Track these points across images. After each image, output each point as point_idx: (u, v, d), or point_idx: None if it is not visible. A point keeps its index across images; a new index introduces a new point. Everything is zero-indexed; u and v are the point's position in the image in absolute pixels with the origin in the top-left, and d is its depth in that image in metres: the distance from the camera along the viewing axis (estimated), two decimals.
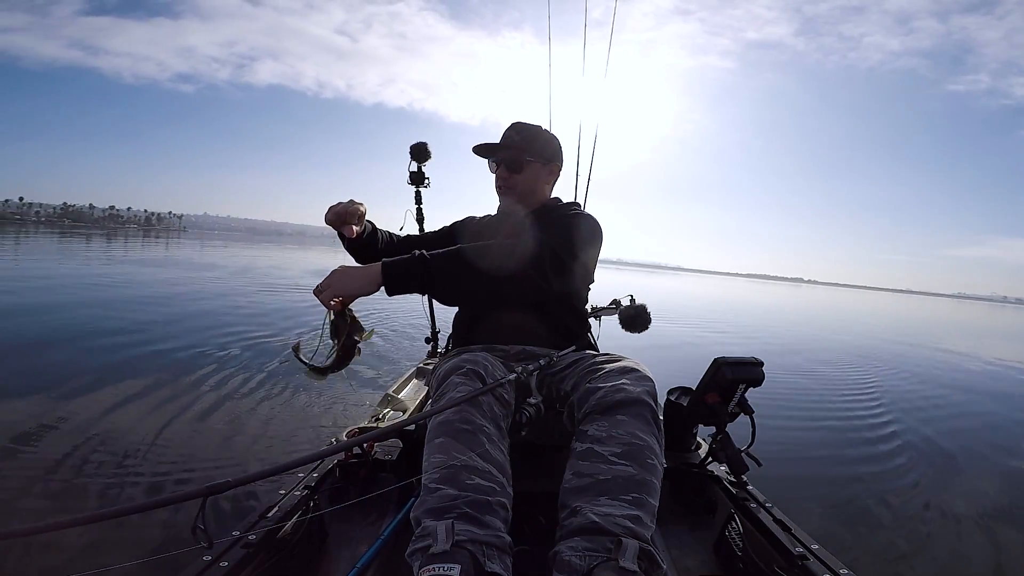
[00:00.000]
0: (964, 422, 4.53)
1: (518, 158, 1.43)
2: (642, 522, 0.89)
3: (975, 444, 3.82)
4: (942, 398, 5.44)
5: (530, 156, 1.43)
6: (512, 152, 1.43)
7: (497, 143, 1.46)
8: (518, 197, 1.46)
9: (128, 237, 44.26)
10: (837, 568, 1.03)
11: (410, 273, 1.07)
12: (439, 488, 0.91)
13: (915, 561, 2.10)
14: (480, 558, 0.83)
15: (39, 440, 2.45)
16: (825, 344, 9.55)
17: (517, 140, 1.44)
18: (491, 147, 1.46)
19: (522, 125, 1.47)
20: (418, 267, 1.07)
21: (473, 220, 1.63)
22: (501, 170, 1.44)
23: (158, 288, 9.00)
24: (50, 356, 4.07)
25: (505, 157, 1.44)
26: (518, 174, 1.44)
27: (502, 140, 1.46)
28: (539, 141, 1.46)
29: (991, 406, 5.37)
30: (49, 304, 6.35)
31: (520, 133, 1.45)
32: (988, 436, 4.13)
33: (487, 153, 1.48)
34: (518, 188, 1.44)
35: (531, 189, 1.46)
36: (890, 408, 4.58)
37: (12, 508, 1.90)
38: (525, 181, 1.44)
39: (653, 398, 1.05)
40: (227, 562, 0.89)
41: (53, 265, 12.19)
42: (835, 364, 7.04)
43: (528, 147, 1.43)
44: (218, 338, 5.03)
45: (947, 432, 3.99)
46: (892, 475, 3.02)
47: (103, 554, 1.56)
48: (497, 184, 1.47)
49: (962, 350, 10.93)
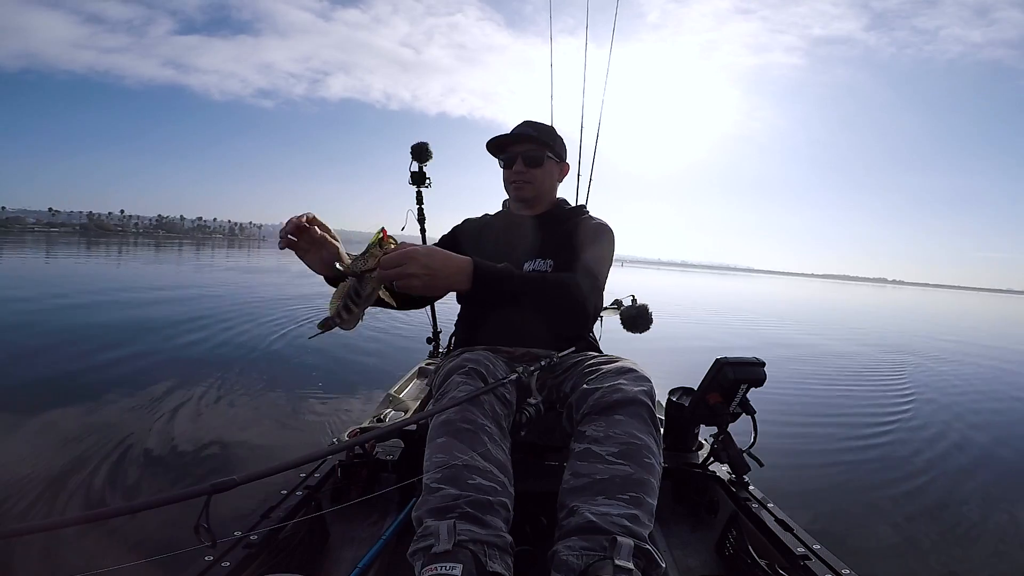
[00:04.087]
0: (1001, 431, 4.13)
1: (539, 153, 1.38)
2: (639, 521, 0.89)
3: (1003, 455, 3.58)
4: (988, 402, 5.18)
5: (549, 152, 1.40)
6: (533, 145, 1.39)
7: (514, 135, 1.40)
8: (536, 193, 1.42)
9: (215, 246, 46.32)
10: (839, 568, 1.03)
11: (499, 288, 1.06)
12: (441, 488, 0.90)
13: (916, 562, 2.09)
14: (482, 558, 0.83)
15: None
16: (834, 340, 9.49)
17: (535, 135, 1.40)
18: (510, 139, 1.40)
19: (535, 122, 1.44)
20: (508, 284, 1.07)
21: (471, 223, 1.56)
22: (519, 165, 1.39)
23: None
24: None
25: (525, 151, 1.38)
26: (537, 168, 1.39)
27: (516, 135, 1.41)
28: (555, 138, 1.43)
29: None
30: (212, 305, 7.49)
31: (536, 128, 1.41)
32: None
33: (503, 146, 1.42)
34: (536, 183, 1.40)
35: (548, 187, 1.44)
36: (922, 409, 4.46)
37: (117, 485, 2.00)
38: (543, 177, 1.41)
39: (650, 398, 1.05)
40: (229, 562, 0.89)
41: (190, 272, 14.82)
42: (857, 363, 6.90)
43: (547, 141, 1.39)
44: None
45: (988, 441, 3.75)
46: (899, 475, 3.00)
47: (108, 552, 1.56)
48: (511, 179, 1.42)
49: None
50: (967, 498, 2.76)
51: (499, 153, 1.45)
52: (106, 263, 16.64)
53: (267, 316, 6.79)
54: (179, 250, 29.44)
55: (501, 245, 1.41)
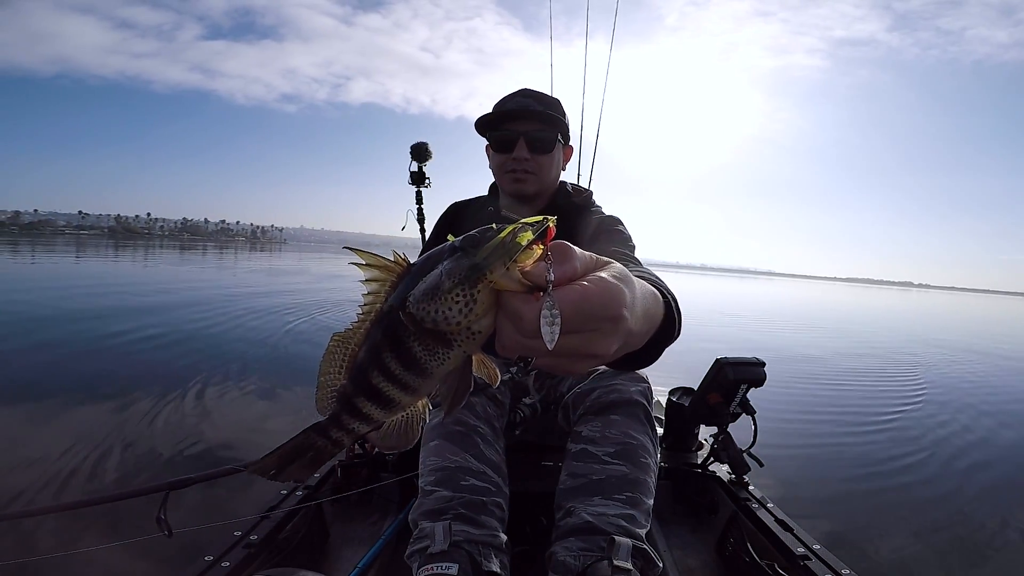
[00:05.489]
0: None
1: (549, 134, 1.07)
2: (636, 521, 0.89)
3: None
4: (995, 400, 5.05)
5: (560, 133, 1.10)
6: (541, 126, 1.07)
7: (515, 109, 1.08)
8: (540, 188, 1.13)
9: (238, 249, 47.50)
10: (839, 568, 1.02)
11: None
12: (435, 490, 0.91)
13: (918, 563, 2.05)
14: (477, 557, 0.84)
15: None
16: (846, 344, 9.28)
17: (540, 110, 1.08)
18: (511, 116, 1.08)
19: (538, 93, 1.11)
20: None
21: (460, 215, 1.26)
22: (520, 149, 1.07)
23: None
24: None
25: (528, 131, 1.07)
26: (545, 156, 1.08)
27: (516, 108, 1.08)
28: (563, 113, 1.13)
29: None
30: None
31: (541, 102, 1.09)
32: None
33: (498, 122, 1.10)
34: (539, 175, 1.10)
35: (553, 178, 1.15)
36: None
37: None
38: (551, 166, 1.12)
39: (647, 398, 1.04)
40: (229, 562, 0.90)
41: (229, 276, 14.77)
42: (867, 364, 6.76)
43: (557, 121, 1.09)
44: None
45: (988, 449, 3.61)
46: (900, 475, 2.93)
47: (76, 542, 1.60)
48: (508, 168, 1.10)
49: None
50: (978, 499, 2.70)
51: (491, 130, 1.12)
52: (180, 264, 17.39)
53: (265, 315, 6.93)
54: (226, 253, 30.31)
55: None
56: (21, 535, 1.59)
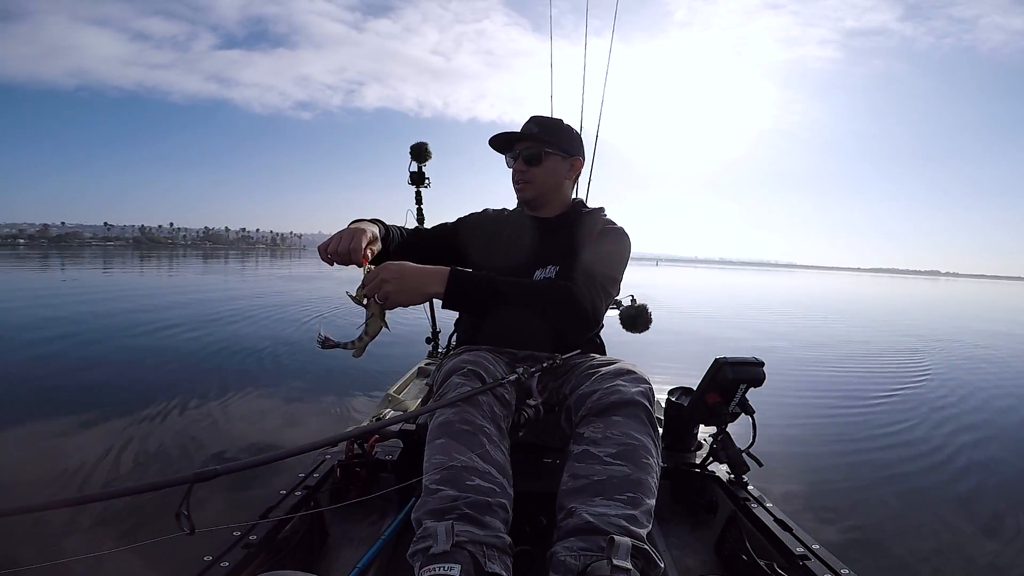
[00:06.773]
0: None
1: (537, 150, 1.35)
2: (637, 521, 0.89)
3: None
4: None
5: (549, 148, 1.36)
6: (531, 143, 1.36)
7: (515, 132, 1.39)
8: (536, 193, 1.39)
9: (259, 256, 48.50)
10: (838, 568, 1.01)
11: (477, 298, 1.09)
12: (439, 489, 0.92)
13: (918, 564, 2.01)
14: (480, 558, 0.84)
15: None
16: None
17: (536, 131, 1.36)
18: (508, 138, 1.39)
19: (541, 117, 1.39)
20: (487, 295, 1.09)
21: (489, 217, 1.52)
22: (519, 163, 1.36)
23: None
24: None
25: (523, 148, 1.36)
26: (536, 167, 1.36)
27: (519, 132, 1.39)
28: (559, 133, 1.38)
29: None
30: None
31: (539, 125, 1.37)
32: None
33: (504, 145, 1.41)
34: (536, 182, 1.37)
35: (552, 185, 1.39)
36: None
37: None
38: (544, 175, 1.37)
39: (648, 399, 1.04)
40: (228, 562, 0.91)
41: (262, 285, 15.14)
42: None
43: (548, 138, 1.36)
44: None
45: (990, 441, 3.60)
46: (900, 472, 2.88)
47: (98, 538, 1.65)
48: (514, 179, 1.40)
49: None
50: (986, 496, 2.63)
51: (505, 151, 1.43)
52: (211, 273, 18.04)
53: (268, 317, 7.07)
54: (247, 261, 31.21)
55: (512, 250, 1.39)
56: (37, 527, 1.64)
